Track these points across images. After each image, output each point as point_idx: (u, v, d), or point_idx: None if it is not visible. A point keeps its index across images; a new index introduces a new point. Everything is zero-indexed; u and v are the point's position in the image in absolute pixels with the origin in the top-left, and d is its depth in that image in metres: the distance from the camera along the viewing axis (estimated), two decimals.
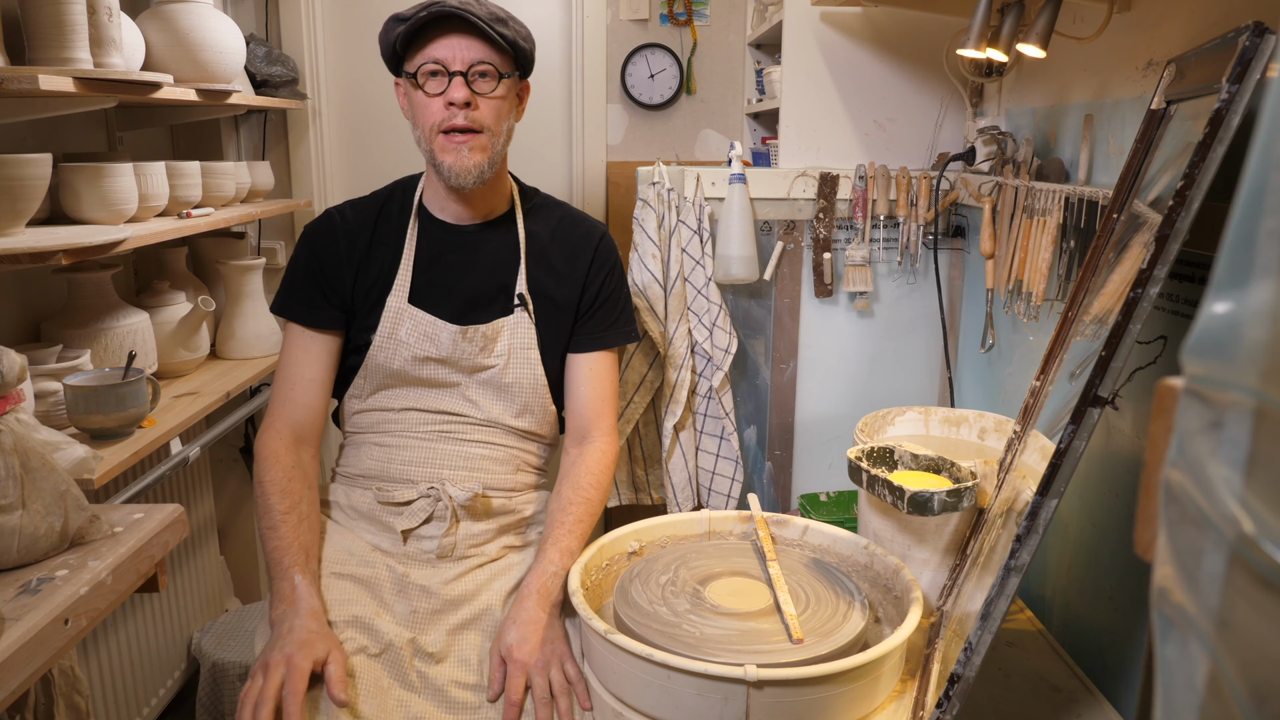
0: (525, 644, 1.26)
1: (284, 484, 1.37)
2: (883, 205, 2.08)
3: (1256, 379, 0.32)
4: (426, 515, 1.40)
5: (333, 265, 1.45)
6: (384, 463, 1.44)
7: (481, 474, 1.45)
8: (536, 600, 1.30)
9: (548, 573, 1.33)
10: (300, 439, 1.43)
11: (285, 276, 1.48)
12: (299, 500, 1.37)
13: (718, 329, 2.05)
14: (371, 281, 1.45)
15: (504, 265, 1.48)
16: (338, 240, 1.46)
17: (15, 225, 1.45)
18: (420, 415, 1.45)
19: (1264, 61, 0.93)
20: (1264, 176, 0.33)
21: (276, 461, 1.39)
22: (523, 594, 1.32)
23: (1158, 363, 1.33)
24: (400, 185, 1.53)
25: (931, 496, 1.26)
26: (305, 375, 1.44)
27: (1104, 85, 1.57)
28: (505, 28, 1.37)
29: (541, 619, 1.29)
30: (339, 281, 1.45)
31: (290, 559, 1.31)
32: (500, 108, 1.39)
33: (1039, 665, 1.48)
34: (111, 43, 1.56)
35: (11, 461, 0.99)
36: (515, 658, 1.25)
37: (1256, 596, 0.32)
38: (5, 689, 0.85)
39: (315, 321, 1.44)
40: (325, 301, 1.45)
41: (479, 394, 1.45)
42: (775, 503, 2.23)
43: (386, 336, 1.43)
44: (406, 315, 1.43)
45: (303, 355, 1.44)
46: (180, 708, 2.21)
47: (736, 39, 2.85)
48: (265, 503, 1.36)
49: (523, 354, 1.45)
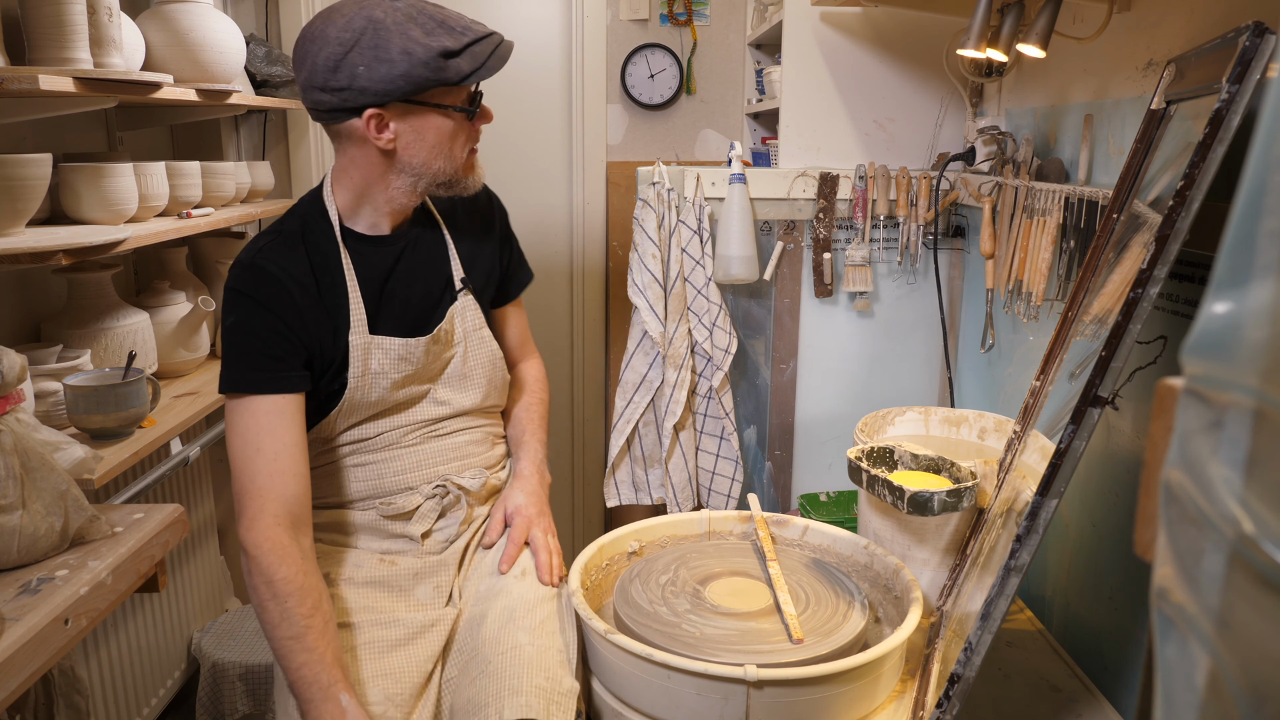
0: (531, 505, 1.43)
1: (301, 581, 1.18)
2: (883, 205, 2.08)
3: (1256, 379, 0.32)
4: (439, 513, 1.42)
5: (295, 319, 1.29)
6: (375, 480, 1.41)
7: (472, 459, 1.47)
8: (537, 477, 1.48)
9: (539, 456, 1.52)
10: (298, 520, 1.24)
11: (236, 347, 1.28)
12: (320, 599, 1.20)
13: (718, 329, 2.05)
14: (328, 322, 1.33)
15: (439, 256, 1.46)
16: (288, 289, 1.29)
17: (15, 225, 1.45)
18: (398, 432, 1.42)
19: (1264, 61, 0.93)
20: (1264, 176, 0.33)
21: (286, 555, 1.19)
22: (523, 472, 1.49)
23: (1158, 363, 1.33)
24: (304, 214, 1.36)
25: (931, 496, 1.26)
26: (287, 441, 1.26)
27: (1104, 85, 1.57)
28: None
29: (540, 492, 1.47)
30: (304, 333, 1.30)
31: (329, 676, 1.14)
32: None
33: (1039, 665, 1.48)
34: (111, 43, 1.56)
35: (12, 461, 0.99)
36: (523, 513, 1.43)
37: (1256, 596, 0.32)
38: (5, 689, 0.85)
39: (287, 386, 1.27)
40: (295, 361, 1.29)
41: (446, 393, 1.45)
42: (775, 503, 2.23)
43: (360, 375, 1.33)
44: (375, 347, 1.35)
45: (278, 422, 1.26)
46: (180, 708, 2.21)
47: (736, 39, 2.85)
48: (282, 608, 1.16)
49: (476, 335, 1.47)
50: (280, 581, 1.17)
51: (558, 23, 2.82)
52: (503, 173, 2.87)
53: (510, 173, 2.90)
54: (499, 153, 2.87)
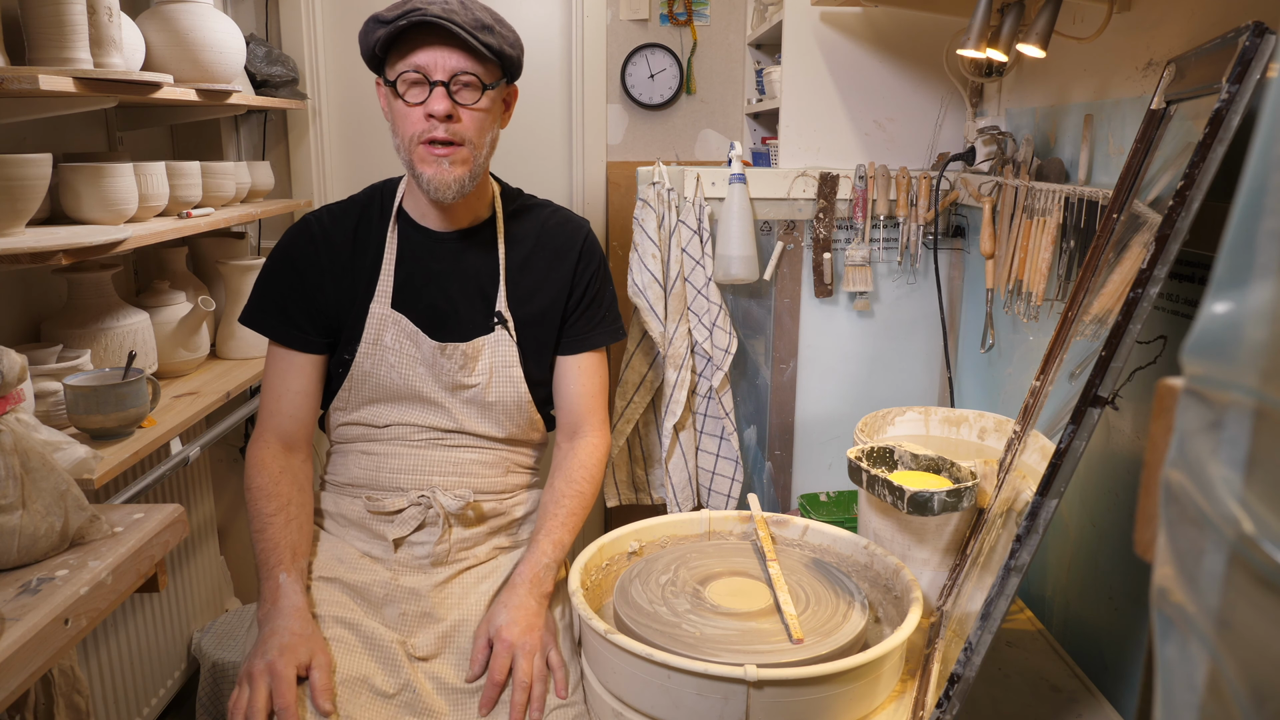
0: (514, 626, 1.27)
1: (270, 488, 1.36)
2: (883, 205, 2.08)
3: (1256, 379, 0.32)
4: (418, 523, 1.38)
5: (313, 276, 1.39)
6: (373, 471, 1.42)
7: (472, 479, 1.43)
8: (528, 588, 1.31)
9: (540, 563, 1.34)
10: (289, 446, 1.41)
11: (258, 285, 1.42)
12: (286, 502, 1.36)
13: (718, 329, 2.05)
14: (353, 289, 1.40)
15: (485, 276, 1.43)
16: (318, 249, 1.40)
17: (15, 225, 1.45)
18: (407, 429, 1.42)
19: (1264, 61, 0.93)
20: (1264, 176, 0.33)
21: (264, 468, 1.38)
22: (515, 581, 1.33)
23: (1158, 363, 1.33)
24: (380, 189, 1.47)
25: (931, 496, 1.26)
26: (290, 388, 1.41)
27: (1104, 85, 1.57)
28: (490, 35, 1.30)
29: (531, 605, 1.30)
30: (319, 292, 1.39)
31: (275, 558, 1.30)
32: (483, 120, 1.33)
33: (1039, 665, 1.48)
34: (111, 43, 1.56)
35: (11, 461, 0.99)
36: (504, 638, 1.25)
37: (1256, 596, 0.32)
38: (5, 689, 0.85)
39: (293, 342, 1.40)
40: (306, 322, 1.40)
41: (463, 413, 1.42)
42: (775, 503, 2.23)
43: (372, 344, 1.38)
44: (390, 321, 1.38)
45: (286, 368, 1.41)
46: (180, 708, 2.21)
47: (736, 39, 2.85)
48: (254, 508, 1.36)
49: (505, 373, 1.41)
50: (254, 489, 1.37)
51: (558, 23, 2.83)
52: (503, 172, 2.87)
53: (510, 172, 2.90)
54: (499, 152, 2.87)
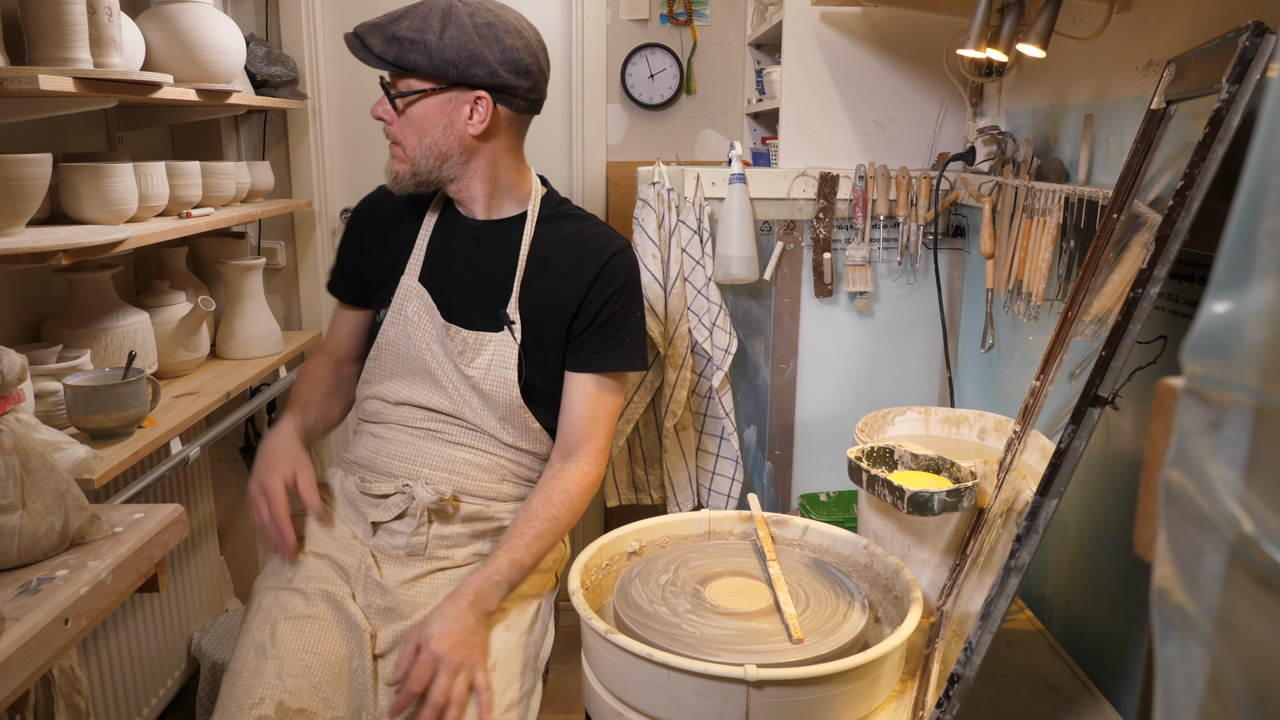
0: (445, 639, 1.21)
1: (312, 375, 1.57)
2: (883, 205, 2.08)
3: (1256, 379, 0.32)
4: (399, 511, 1.40)
5: (359, 244, 1.55)
6: (373, 453, 1.46)
7: (460, 478, 1.43)
8: (470, 602, 1.26)
9: (491, 580, 1.29)
10: (339, 361, 1.60)
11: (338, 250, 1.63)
12: (321, 381, 1.56)
13: (718, 329, 2.05)
14: (390, 259, 1.50)
15: (501, 269, 1.45)
16: (374, 218, 1.54)
17: (15, 225, 1.45)
18: (414, 411, 1.45)
19: (1264, 61, 0.93)
20: (1264, 176, 0.33)
21: (310, 366, 1.60)
22: (458, 592, 1.27)
23: (1158, 363, 1.33)
24: None
25: (931, 496, 1.26)
26: (338, 332, 1.61)
27: (1104, 85, 1.57)
28: (399, 46, 1.31)
29: (469, 621, 1.24)
30: (363, 259, 1.54)
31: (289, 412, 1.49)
32: (418, 125, 1.35)
33: (1039, 665, 1.48)
34: (111, 43, 1.56)
35: (11, 461, 0.99)
36: (431, 648, 1.20)
37: (1256, 596, 0.32)
38: (5, 689, 0.85)
39: (339, 293, 1.59)
40: (348, 279, 1.57)
41: (462, 396, 1.43)
42: (775, 503, 2.23)
43: (397, 312, 1.46)
44: (415, 293, 1.46)
45: (337, 316, 1.62)
46: (180, 708, 2.21)
47: (736, 39, 2.85)
48: (296, 386, 1.56)
49: (500, 373, 1.42)
50: (300, 375, 1.59)
51: (558, 23, 2.82)
52: None
53: None
54: None
